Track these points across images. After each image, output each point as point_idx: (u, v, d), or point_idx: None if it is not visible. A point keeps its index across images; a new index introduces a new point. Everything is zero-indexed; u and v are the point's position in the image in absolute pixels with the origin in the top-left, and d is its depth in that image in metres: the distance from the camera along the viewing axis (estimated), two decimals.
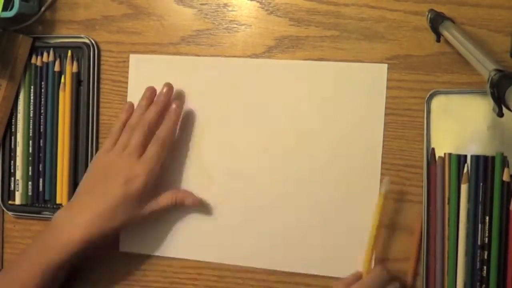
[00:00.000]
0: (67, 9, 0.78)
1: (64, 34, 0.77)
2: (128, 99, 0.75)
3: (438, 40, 0.64)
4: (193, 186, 0.73)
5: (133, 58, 0.76)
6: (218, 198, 0.73)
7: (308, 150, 0.70)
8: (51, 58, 0.77)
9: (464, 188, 0.64)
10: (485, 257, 0.63)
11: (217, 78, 0.73)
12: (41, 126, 0.77)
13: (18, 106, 0.78)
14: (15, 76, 0.77)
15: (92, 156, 0.76)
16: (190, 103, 0.74)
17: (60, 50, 0.77)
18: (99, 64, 0.76)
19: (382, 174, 0.68)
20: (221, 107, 0.73)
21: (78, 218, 0.67)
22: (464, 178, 0.64)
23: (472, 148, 0.65)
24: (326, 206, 0.70)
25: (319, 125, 0.70)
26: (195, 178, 0.73)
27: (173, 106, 0.71)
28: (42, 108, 0.77)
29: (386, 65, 0.68)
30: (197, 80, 0.74)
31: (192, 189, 0.73)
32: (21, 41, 0.76)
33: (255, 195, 0.72)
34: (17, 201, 0.78)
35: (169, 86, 0.72)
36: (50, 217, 0.77)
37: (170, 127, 0.70)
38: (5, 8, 0.72)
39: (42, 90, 0.77)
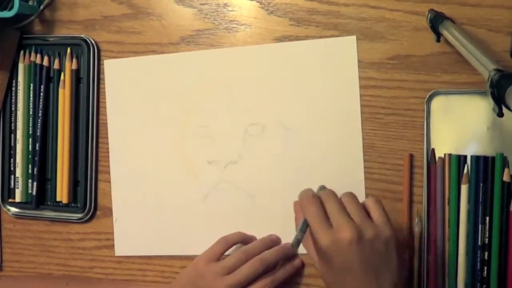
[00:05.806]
0: (66, 9, 0.78)
1: (64, 34, 0.77)
2: (107, 106, 0.75)
3: (438, 40, 0.64)
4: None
5: (108, 64, 0.76)
6: (217, 193, 0.73)
7: (289, 135, 0.70)
8: (50, 55, 0.77)
9: (464, 188, 0.64)
10: (486, 257, 0.63)
11: (192, 73, 0.73)
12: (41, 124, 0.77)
13: (18, 104, 0.78)
14: (3, 69, 0.77)
15: (91, 154, 0.76)
16: (171, 101, 0.74)
17: (59, 48, 0.77)
18: (99, 64, 0.76)
19: (384, 174, 0.68)
20: (201, 100, 0.73)
21: None
22: (464, 178, 0.64)
23: (472, 149, 0.65)
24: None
25: (295, 107, 0.70)
26: (190, 173, 0.74)
27: (297, 261, 0.70)
28: (42, 105, 0.77)
29: (354, 36, 0.68)
30: (173, 77, 0.74)
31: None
32: (9, 34, 0.76)
33: (246, 185, 0.72)
34: (17, 198, 0.78)
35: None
36: (50, 217, 0.77)
37: (286, 275, 0.69)
38: (4, 8, 0.72)
39: (42, 88, 0.77)
